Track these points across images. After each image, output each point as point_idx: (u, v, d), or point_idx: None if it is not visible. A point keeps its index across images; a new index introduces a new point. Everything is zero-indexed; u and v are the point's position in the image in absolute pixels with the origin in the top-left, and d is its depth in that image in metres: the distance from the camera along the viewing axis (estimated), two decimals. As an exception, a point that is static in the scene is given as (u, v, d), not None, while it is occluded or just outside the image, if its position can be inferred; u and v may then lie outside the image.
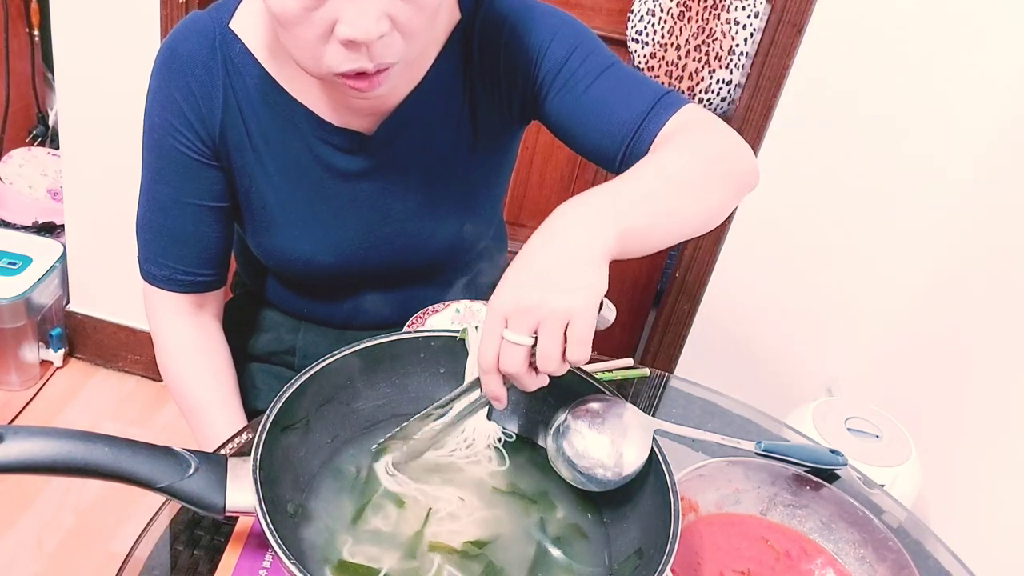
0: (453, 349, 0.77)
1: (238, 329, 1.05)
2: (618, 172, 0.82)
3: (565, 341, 0.62)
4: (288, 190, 0.91)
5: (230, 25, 0.86)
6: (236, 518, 0.71)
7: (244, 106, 0.87)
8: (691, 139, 0.78)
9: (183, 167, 0.88)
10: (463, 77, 0.90)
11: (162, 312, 0.95)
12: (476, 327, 0.75)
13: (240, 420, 0.96)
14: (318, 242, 0.93)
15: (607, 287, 0.64)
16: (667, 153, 0.76)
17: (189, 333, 0.96)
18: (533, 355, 0.63)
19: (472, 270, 1.07)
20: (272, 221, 0.92)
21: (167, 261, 0.92)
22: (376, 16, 0.69)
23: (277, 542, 0.56)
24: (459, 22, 0.89)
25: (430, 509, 0.70)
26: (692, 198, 0.73)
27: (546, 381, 0.65)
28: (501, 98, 0.91)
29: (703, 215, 0.74)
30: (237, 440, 0.81)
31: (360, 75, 0.74)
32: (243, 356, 1.06)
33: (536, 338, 0.62)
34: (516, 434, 0.79)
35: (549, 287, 0.62)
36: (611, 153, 0.85)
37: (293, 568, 0.55)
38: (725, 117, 1.67)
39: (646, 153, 0.81)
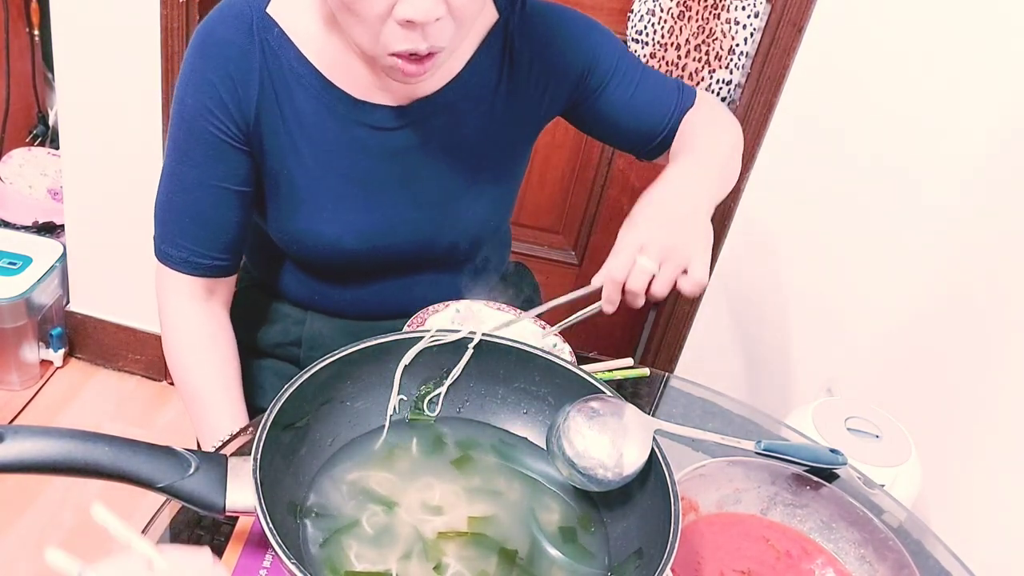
0: (454, 349, 0.77)
1: (244, 321, 1.05)
2: (645, 156, 1.05)
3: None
4: (320, 173, 0.92)
5: (267, 10, 0.88)
6: (236, 518, 0.71)
7: (280, 89, 0.89)
8: (719, 123, 1.00)
9: (213, 149, 0.89)
10: (499, 72, 0.95)
11: (173, 294, 0.96)
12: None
13: (241, 410, 0.96)
14: (345, 225, 0.94)
15: None
16: (712, 135, 0.97)
17: (197, 318, 0.97)
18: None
19: (483, 262, 1.08)
20: (300, 204, 0.93)
21: (185, 242, 0.93)
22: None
23: (277, 542, 0.56)
24: (497, 21, 0.94)
25: (423, 505, 0.70)
26: (733, 165, 0.98)
27: (642, 302, 0.81)
28: (539, 94, 0.97)
29: (736, 176, 0.98)
30: (238, 440, 0.82)
31: (411, 58, 0.78)
32: (249, 349, 1.06)
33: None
34: (515, 434, 0.79)
35: (681, 232, 0.81)
36: (649, 142, 1.02)
37: (293, 568, 0.55)
38: (725, 117, 1.66)
39: (672, 141, 1.01)
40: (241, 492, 0.61)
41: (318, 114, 0.90)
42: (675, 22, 1.62)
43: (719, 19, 1.59)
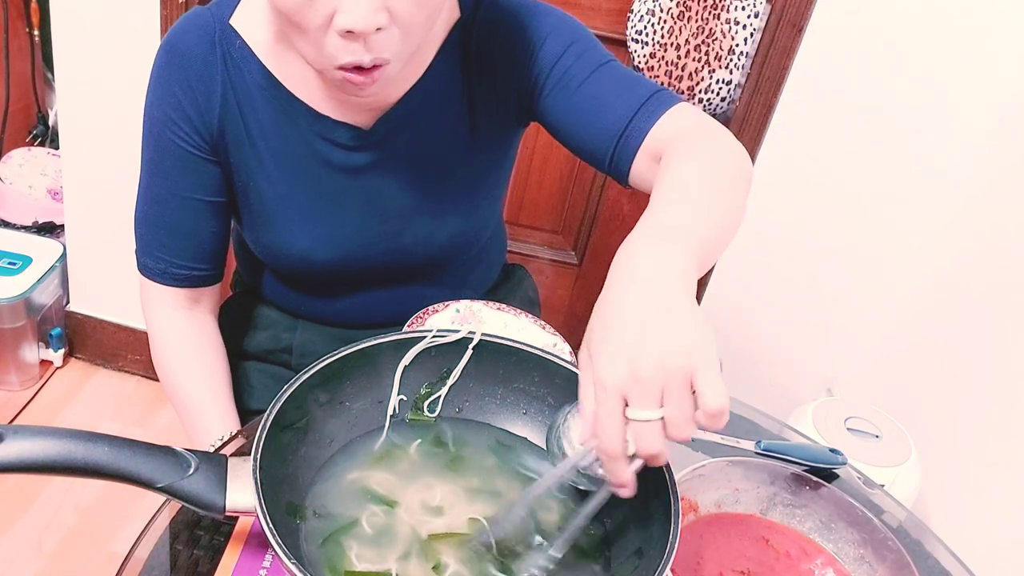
0: (454, 349, 0.77)
1: (235, 327, 1.05)
2: (609, 171, 0.85)
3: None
4: (286, 186, 0.91)
5: (230, 21, 0.87)
6: (236, 518, 0.71)
7: (243, 102, 0.87)
8: (705, 147, 0.76)
9: (181, 161, 0.88)
10: (462, 75, 0.91)
11: (157, 306, 0.96)
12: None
13: (230, 416, 0.96)
14: (316, 238, 0.93)
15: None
16: (689, 165, 0.73)
17: (183, 327, 0.96)
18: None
19: (472, 269, 1.07)
20: (270, 217, 0.93)
21: (163, 255, 0.92)
22: (374, 7, 0.70)
23: (277, 542, 0.56)
24: (458, 20, 0.89)
25: (423, 505, 0.70)
26: (728, 205, 0.70)
27: (666, 455, 0.56)
28: (499, 97, 0.92)
29: (737, 220, 0.72)
30: (234, 443, 0.81)
31: (357, 69, 0.74)
32: (240, 354, 1.06)
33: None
34: (514, 434, 0.79)
35: (659, 344, 0.54)
36: (601, 152, 0.84)
37: (293, 568, 0.55)
38: (724, 117, 1.67)
39: (636, 151, 0.81)
40: (241, 492, 0.61)
41: (281, 126, 0.89)
42: (675, 22, 1.62)
43: (719, 19, 1.59)
